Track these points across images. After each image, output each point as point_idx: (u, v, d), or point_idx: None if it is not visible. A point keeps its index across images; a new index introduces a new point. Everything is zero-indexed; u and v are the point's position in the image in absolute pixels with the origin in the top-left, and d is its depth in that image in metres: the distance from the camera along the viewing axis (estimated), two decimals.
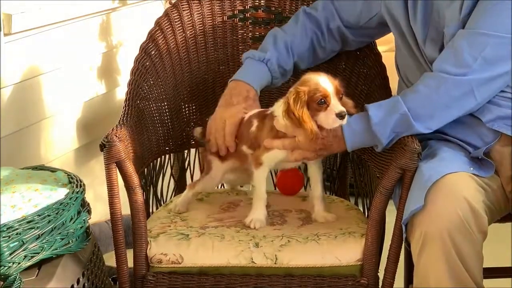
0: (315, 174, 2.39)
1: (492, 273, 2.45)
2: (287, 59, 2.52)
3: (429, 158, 2.22)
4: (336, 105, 2.22)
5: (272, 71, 2.50)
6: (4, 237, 2.00)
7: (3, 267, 1.99)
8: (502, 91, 2.23)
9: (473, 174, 2.18)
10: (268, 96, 2.63)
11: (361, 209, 2.56)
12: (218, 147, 2.42)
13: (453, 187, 2.11)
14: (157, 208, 2.58)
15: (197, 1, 2.66)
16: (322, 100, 2.21)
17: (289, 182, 2.61)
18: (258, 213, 2.36)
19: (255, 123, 2.35)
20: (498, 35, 2.16)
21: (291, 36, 2.53)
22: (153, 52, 2.58)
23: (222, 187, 2.77)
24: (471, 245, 2.09)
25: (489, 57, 2.17)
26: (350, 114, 2.25)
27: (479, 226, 2.10)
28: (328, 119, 2.22)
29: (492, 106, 2.24)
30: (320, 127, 2.23)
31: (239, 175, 2.48)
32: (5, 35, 2.58)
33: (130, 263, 2.29)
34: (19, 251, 2.03)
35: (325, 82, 2.23)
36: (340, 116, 2.21)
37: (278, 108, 2.29)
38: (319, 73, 2.28)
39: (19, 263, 2.02)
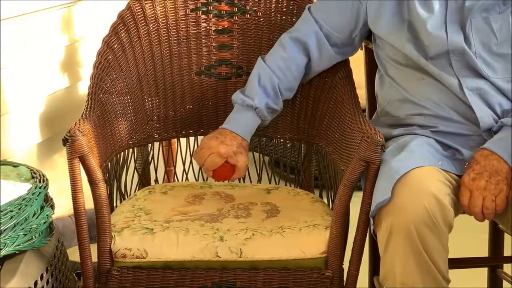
0: None
1: (457, 263, 2.47)
2: (276, 99, 2.49)
3: (398, 151, 2.22)
4: None
5: (261, 116, 2.48)
6: None
7: None
8: None
9: (441, 169, 2.19)
10: None
11: (326, 202, 2.56)
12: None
13: (421, 180, 2.11)
14: (121, 203, 2.56)
15: None
16: None
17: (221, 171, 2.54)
18: None
19: None
20: None
21: (280, 75, 2.48)
22: (115, 46, 2.56)
23: (187, 180, 2.76)
24: (437, 237, 2.10)
25: None
26: None
27: (445, 219, 2.10)
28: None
29: None
30: None
31: None
32: None
33: (94, 258, 2.27)
34: None
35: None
36: None
37: None
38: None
39: None
